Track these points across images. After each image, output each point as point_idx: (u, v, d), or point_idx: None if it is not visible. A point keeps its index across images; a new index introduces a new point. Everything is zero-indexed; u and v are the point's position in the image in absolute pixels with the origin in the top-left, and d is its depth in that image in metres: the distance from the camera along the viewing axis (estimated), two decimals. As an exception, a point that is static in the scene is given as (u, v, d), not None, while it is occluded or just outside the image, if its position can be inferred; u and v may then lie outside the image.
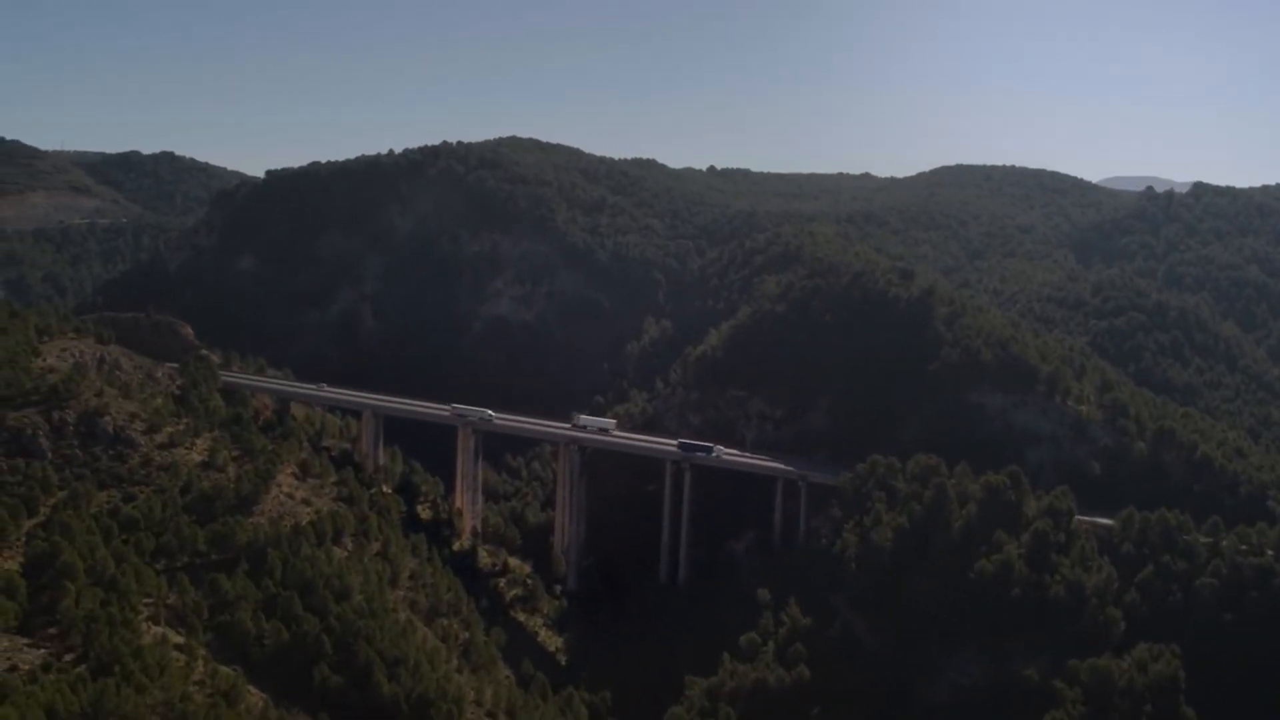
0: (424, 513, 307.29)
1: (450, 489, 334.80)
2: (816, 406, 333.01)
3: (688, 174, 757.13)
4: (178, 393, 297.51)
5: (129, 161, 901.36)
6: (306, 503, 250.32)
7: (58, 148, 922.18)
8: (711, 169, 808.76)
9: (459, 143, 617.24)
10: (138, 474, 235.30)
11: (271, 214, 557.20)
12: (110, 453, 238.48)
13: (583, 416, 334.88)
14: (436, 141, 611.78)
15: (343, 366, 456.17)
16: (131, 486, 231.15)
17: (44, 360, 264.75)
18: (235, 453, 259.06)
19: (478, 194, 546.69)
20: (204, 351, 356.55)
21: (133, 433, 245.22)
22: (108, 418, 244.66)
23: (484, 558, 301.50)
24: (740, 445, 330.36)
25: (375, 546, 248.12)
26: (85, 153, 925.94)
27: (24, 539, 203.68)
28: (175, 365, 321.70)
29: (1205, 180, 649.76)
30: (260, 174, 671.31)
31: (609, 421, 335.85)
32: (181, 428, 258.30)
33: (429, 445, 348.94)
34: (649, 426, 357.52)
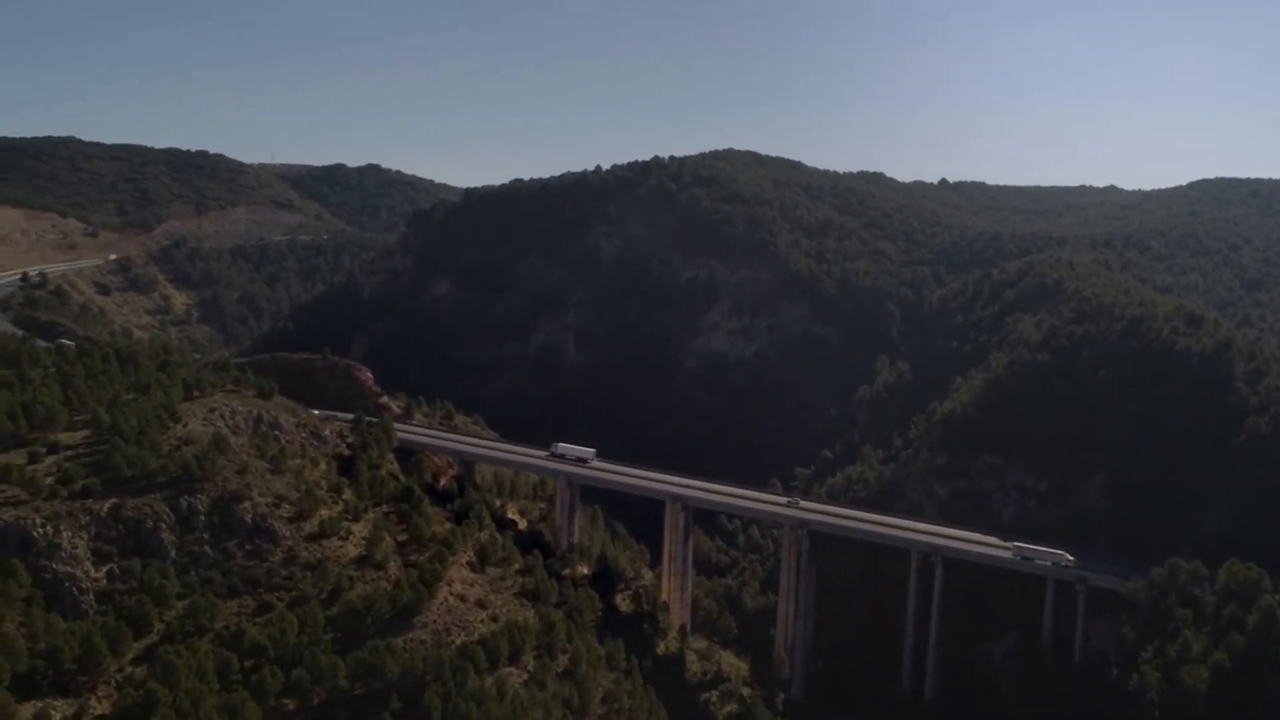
0: (623, 604, 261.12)
1: (656, 557, 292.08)
2: (1090, 482, 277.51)
3: (918, 188, 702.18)
4: (347, 453, 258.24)
5: (334, 175, 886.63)
6: (481, 605, 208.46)
7: (267, 161, 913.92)
8: (943, 182, 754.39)
9: (671, 157, 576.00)
10: (276, 576, 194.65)
11: (470, 236, 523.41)
12: (247, 548, 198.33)
13: (561, 445, 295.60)
14: (647, 156, 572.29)
15: (542, 405, 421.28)
16: (268, 593, 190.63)
17: (184, 426, 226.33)
18: (402, 536, 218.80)
19: (691, 214, 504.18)
20: (382, 399, 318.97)
21: (276, 522, 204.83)
22: (247, 503, 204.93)
23: (693, 663, 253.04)
24: (995, 523, 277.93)
25: (562, 662, 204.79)
26: (292, 166, 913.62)
27: (124, 670, 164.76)
28: (349, 419, 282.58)
29: None
30: (466, 185, 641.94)
31: (588, 451, 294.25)
32: (338, 510, 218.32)
33: (632, 500, 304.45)
34: (886, 494, 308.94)
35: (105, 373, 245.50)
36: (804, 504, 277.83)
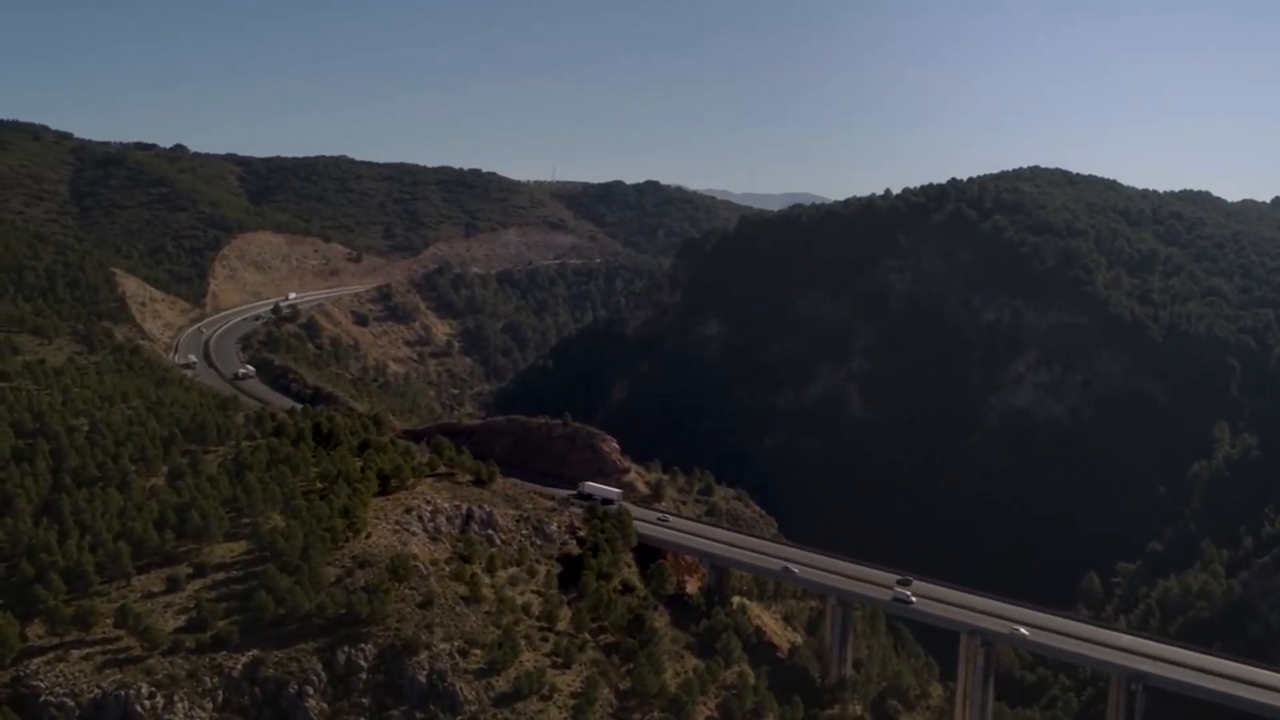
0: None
1: (947, 667, 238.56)
2: None
3: (1249, 209, 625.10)
4: (577, 551, 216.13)
5: (611, 192, 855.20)
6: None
7: (546, 178, 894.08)
8: (1277, 201, 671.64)
9: (970, 180, 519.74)
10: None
11: (743, 268, 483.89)
12: (418, 717, 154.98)
13: (588, 484, 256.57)
14: (942, 179, 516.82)
15: (820, 466, 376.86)
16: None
17: (366, 537, 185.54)
18: (625, 682, 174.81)
19: (994, 246, 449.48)
20: (628, 475, 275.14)
21: (459, 679, 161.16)
22: (424, 654, 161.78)
23: None
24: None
25: None
26: (568, 183, 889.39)
27: None
28: (580, 506, 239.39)
29: None
30: (750, 192, 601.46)
31: (614, 491, 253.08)
32: (546, 650, 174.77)
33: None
34: (1236, 615, 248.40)
35: (290, 459, 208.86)
36: (1134, 642, 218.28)
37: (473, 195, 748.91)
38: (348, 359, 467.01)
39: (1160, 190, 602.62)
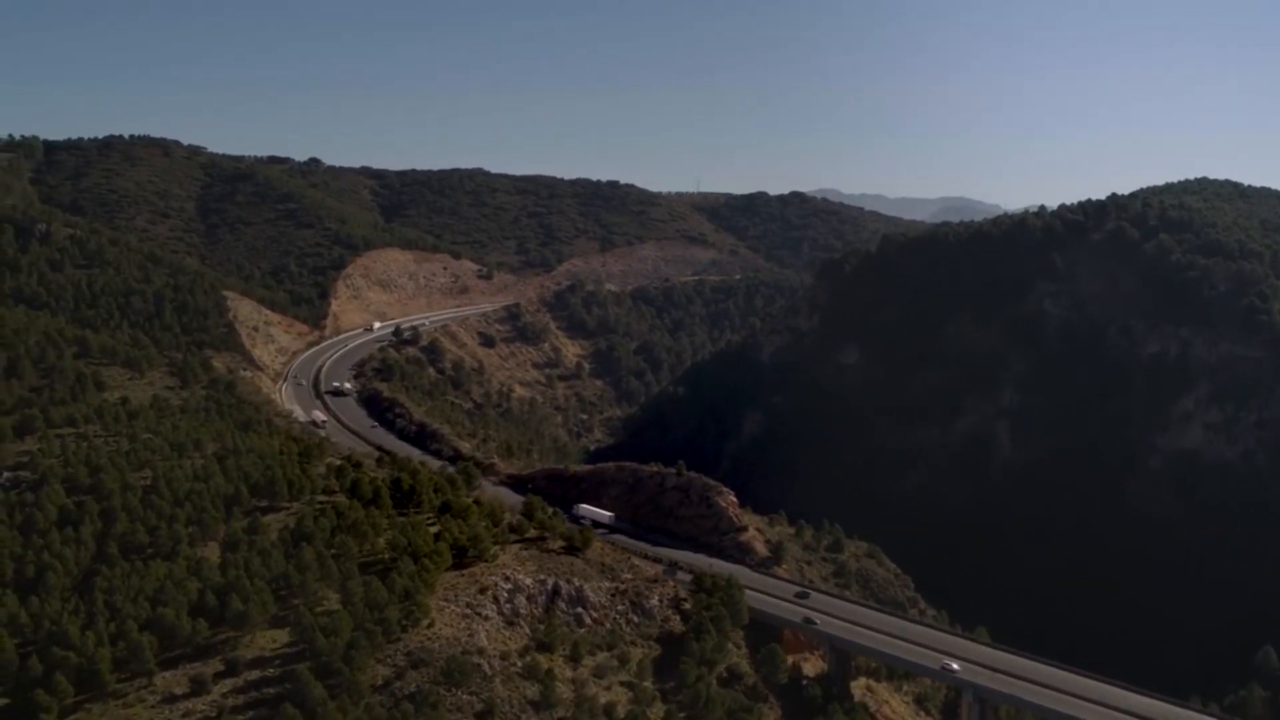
0: None
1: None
2: None
3: None
4: (681, 628, 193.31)
5: (754, 204, 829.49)
6: None
7: (689, 189, 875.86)
8: None
9: (1132, 194, 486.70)
10: None
11: (884, 292, 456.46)
12: None
13: (581, 507, 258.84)
14: (1101, 195, 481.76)
15: (965, 514, 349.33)
16: None
17: (429, 625, 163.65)
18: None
19: (1158, 269, 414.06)
20: (745, 534, 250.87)
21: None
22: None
23: None
24: None
25: None
26: (710, 195, 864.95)
27: None
28: (688, 574, 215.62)
29: None
30: (900, 207, 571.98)
31: (605, 514, 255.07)
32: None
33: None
34: None
35: (357, 526, 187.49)
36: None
37: (609, 208, 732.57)
38: (470, 383, 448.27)
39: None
